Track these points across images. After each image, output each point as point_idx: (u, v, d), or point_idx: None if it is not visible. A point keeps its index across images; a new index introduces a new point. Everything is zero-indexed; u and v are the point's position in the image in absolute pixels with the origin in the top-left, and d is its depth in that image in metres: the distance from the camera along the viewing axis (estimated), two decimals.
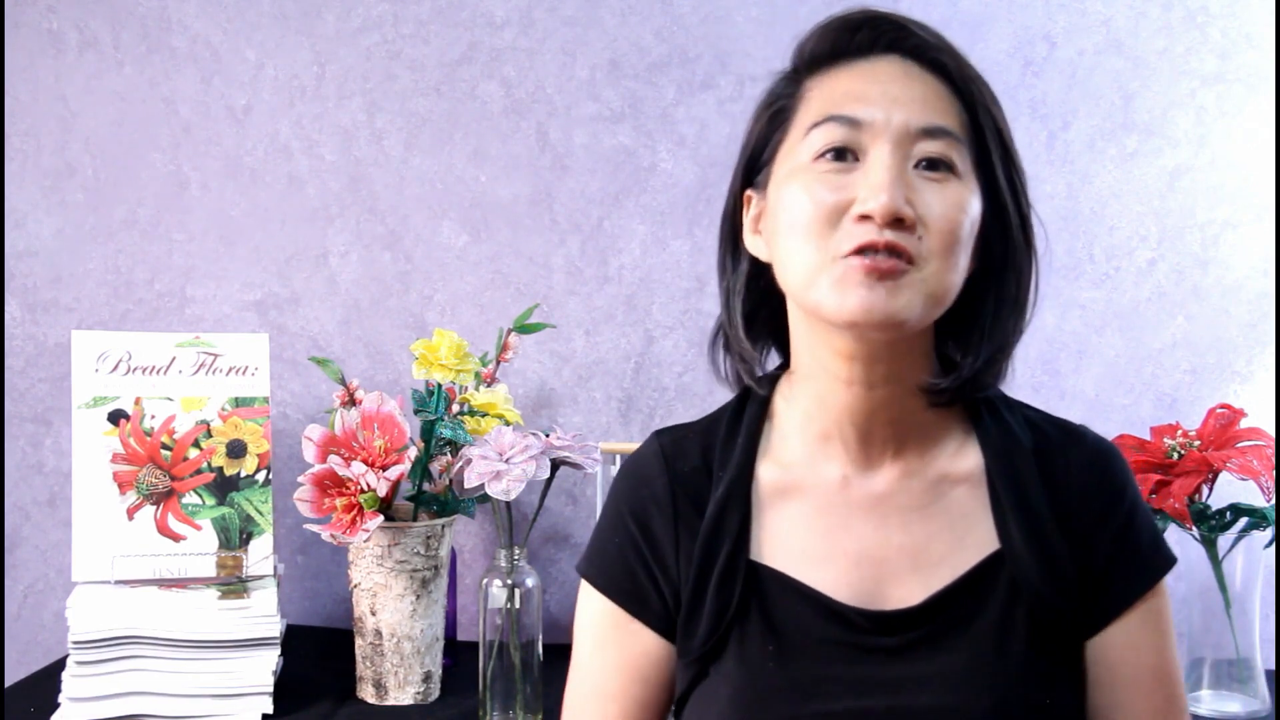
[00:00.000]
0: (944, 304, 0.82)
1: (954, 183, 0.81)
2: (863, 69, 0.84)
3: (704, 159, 1.60)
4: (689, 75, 1.61)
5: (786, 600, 0.86)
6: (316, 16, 1.66)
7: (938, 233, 0.79)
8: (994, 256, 0.86)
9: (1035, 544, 0.84)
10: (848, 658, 0.84)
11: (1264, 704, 1.34)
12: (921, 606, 0.84)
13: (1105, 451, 0.89)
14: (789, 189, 0.83)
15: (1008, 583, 0.84)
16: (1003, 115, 0.86)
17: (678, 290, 1.62)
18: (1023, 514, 0.85)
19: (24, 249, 1.70)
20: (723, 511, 0.88)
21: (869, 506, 0.87)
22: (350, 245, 1.67)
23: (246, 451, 1.43)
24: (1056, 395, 1.56)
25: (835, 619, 0.85)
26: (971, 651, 0.83)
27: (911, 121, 0.81)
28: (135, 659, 1.30)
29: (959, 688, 0.82)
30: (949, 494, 0.88)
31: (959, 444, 0.89)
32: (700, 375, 1.62)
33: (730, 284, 0.92)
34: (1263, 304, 1.54)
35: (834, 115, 0.82)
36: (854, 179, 0.80)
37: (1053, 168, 1.56)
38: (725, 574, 0.87)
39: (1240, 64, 1.53)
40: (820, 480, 0.89)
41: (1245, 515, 1.32)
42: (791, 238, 0.82)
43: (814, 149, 0.82)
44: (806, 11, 1.55)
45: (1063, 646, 0.85)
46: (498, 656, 1.35)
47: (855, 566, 0.86)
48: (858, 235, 0.79)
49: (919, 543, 0.86)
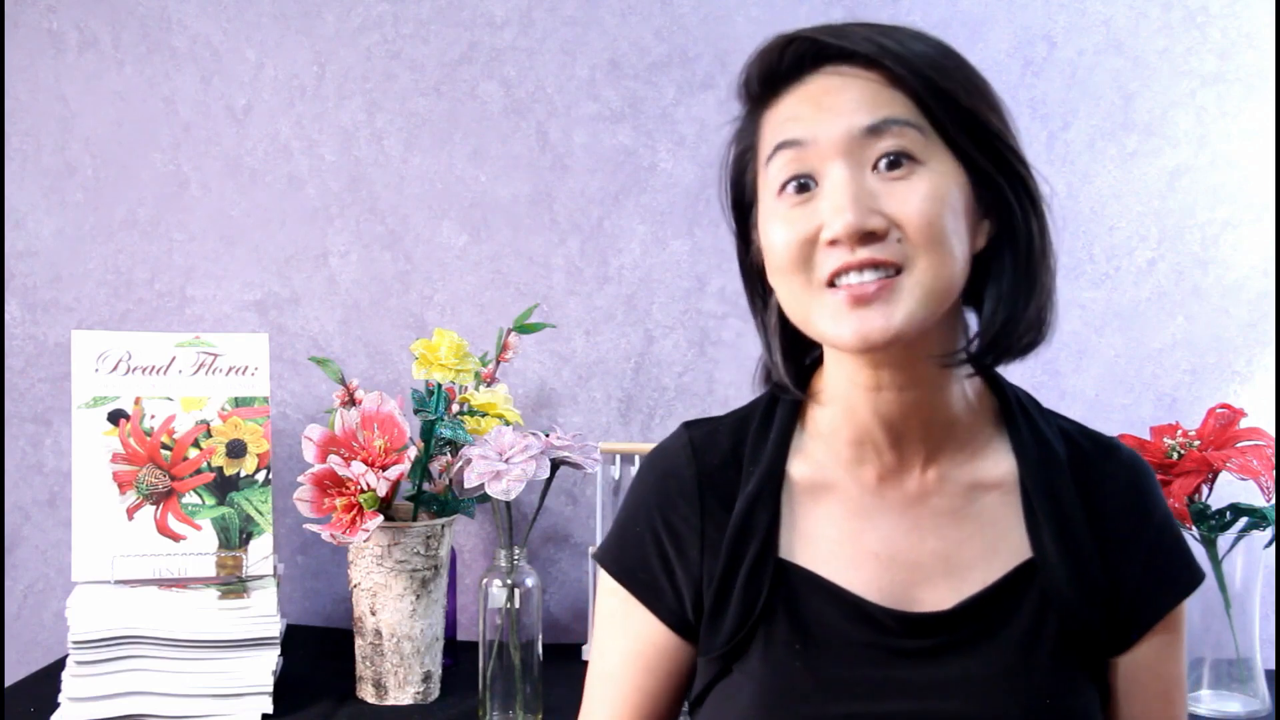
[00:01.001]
0: (949, 295, 0.80)
1: (920, 172, 0.79)
2: (800, 91, 0.83)
3: (704, 159, 1.60)
4: (689, 75, 1.61)
5: (815, 600, 0.86)
6: (316, 16, 1.66)
7: (916, 230, 0.78)
8: (1002, 222, 0.83)
9: (1068, 555, 0.84)
10: (875, 660, 0.84)
11: (1264, 704, 1.34)
12: (952, 611, 0.84)
13: (1139, 467, 0.89)
14: (769, 229, 0.83)
15: (1039, 592, 0.84)
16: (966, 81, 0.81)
17: (678, 290, 1.62)
18: (1056, 524, 0.85)
19: (24, 249, 1.70)
20: (753, 507, 0.88)
21: (901, 509, 0.87)
22: (350, 245, 1.67)
23: (246, 451, 1.43)
24: (1056, 395, 1.56)
25: (864, 620, 0.84)
26: (1000, 659, 0.83)
27: (853, 125, 0.79)
28: (135, 659, 1.30)
29: (986, 695, 0.82)
30: (982, 500, 0.87)
31: (992, 450, 0.88)
32: (700, 375, 1.62)
33: (764, 321, 0.91)
34: (1263, 304, 1.54)
35: (779, 143, 0.82)
36: (817, 205, 0.80)
37: (1053, 168, 1.56)
38: (753, 571, 0.86)
39: (1240, 64, 1.53)
40: (853, 481, 0.88)
41: (1245, 515, 1.32)
42: (778, 277, 0.82)
43: (775, 183, 0.82)
44: (806, 11, 1.55)
45: (1089, 658, 0.85)
46: (498, 656, 1.35)
47: (886, 569, 0.86)
48: (833, 260, 0.78)
49: (951, 548, 0.86)
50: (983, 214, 0.83)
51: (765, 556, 0.87)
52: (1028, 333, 0.84)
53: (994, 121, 0.82)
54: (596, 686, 0.92)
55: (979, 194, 0.82)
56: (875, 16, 1.50)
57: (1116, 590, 0.85)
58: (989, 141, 0.81)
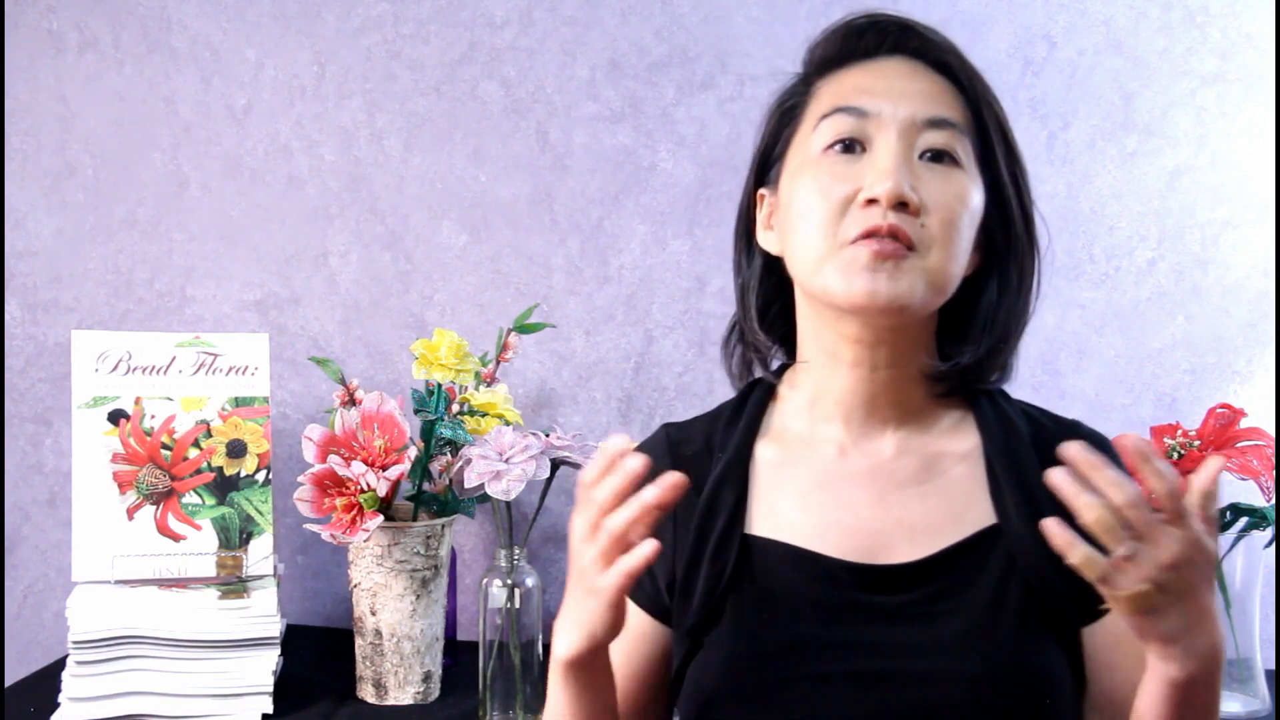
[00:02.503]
0: (945, 292, 0.85)
1: (957, 173, 0.85)
2: (870, 68, 0.89)
3: (704, 159, 1.60)
4: (689, 75, 1.61)
5: (782, 568, 0.88)
6: (316, 16, 1.66)
7: (939, 220, 0.83)
8: (997, 250, 0.89)
9: (1031, 520, 0.84)
10: (842, 620, 0.85)
11: (1264, 704, 1.34)
12: (915, 564, 0.86)
13: (1101, 442, 0.90)
14: (800, 181, 0.87)
15: (1003, 555, 0.86)
16: (1005, 114, 0.89)
17: (678, 290, 1.62)
18: (1020, 491, 0.87)
19: (24, 249, 1.70)
20: (719, 487, 0.90)
21: (866, 479, 0.89)
22: (350, 245, 1.67)
23: (246, 451, 1.43)
24: (1056, 395, 1.56)
25: (830, 580, 0.86)
26: (966, 619, 0.84)
27: (917, 114, 0.84)
28: (135, 659, 1.30)
29: (953, 654, 0.83)
30: (947, 471, 0.90)
31: (957, 425, 0.92)
32: (700, 375, 1.62)
33: (745, 280, 0.96)
34: (1263, 304, 1.54)
35: (842, 107, 0.86)
36: (861, 168, 0.84)
37: (1053, 168, 1.56)
38: (719, 546, 0.88)
39: (1240, 64, 1.53)
40: (817, 453, 0.91)
41: (1245, 515, 1.32)
42: (803, 227, 0.85)
43: (823, 141, 0.86)
44: (806, 11, 1.55)
45: (1056, 623, 0.86)
46: (498, 656, 1.35)
47: (850, 535, 0.88)
48: (864, 220, 0.82)
49: (915, 516, 0.88)
50: (978, 244, 0.88)
51: (731, 532, 0.89)
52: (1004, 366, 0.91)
53: (1020, 157, 0.89)
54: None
55: (988, 218, 0.88)
56: None
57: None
58: (1014, 174, 0.88)
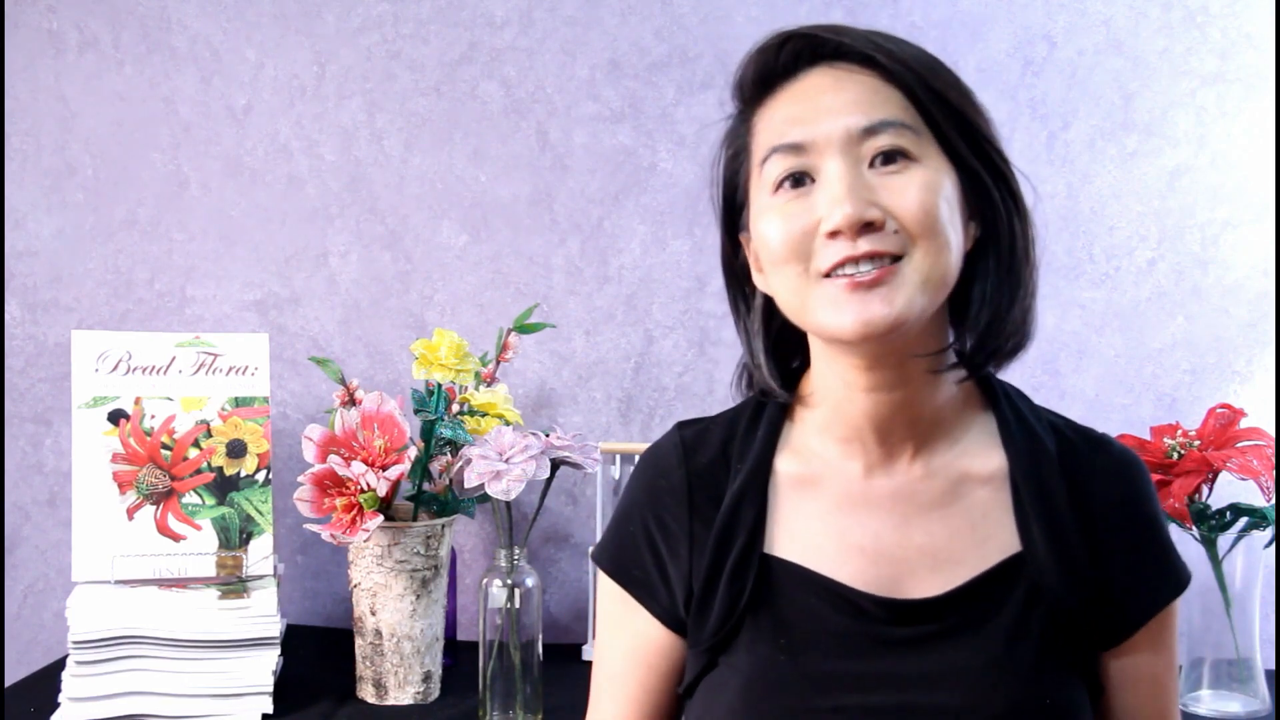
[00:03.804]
0: (945, 285, 0.81)
1: (915, 167, 0.80)
2: (795, 90, 0.84)
3: (704, 159, 1.58)
4: (689, 75, 1.61)
5: (800, 593, 0.86)
6: (316, 16, 1.66)
7: (912, 220, 0.79)
8: (988, 225, 0.84)
9: (1057, 548, 0.84)
10: (860, 652, 0.83)
11: (1264, 704, 1.34)
12: (939, 599, 0.84)
13: (1131, 462, 0.89)
14: (762, 225, 0.84)
15: (1027, 585, 0.84)
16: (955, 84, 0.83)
17: (678, 290, 1.62)
18: (1045, 518, 0.85)
19: (24, 249, 1.70)
20: (739, 504, 0.88)
21: (889, 504, 0.87)
22: (350, 245, 1.67)
23: (246, 451, 1.43)
24: (1056, 395, 1.56)
25: (850, 609, 0.84)
26: (986, 651, 0.82)
27: (852, 125, 0.80)
28: (135, 659, 1.30)
29: (971, 687, 0.81)
30: (971, 494, 0.87)
31: (981, 444, 0.88)
32: (700, 375, 1.62)
33: (748, 326, 0.92)
34: (1263, 304, 1.54)
35: (777, 146, 0.82)
36: (815, 199, 0.81)
37: (1053, 168, 1.56)
38: (738, 566, 0.87)
39: (1240, 64, 1.53)
40: (839, 475, 0.88)
41: (1245, 515, 1.32)
42: (776, 270, 0.83)
43: (770, 182, 0.83)
44: (806, 11, 1.55)
45: (1077, 653, 0.85)
46: (498, 656, 1.35)
47: (873, 563, 0.86)
48: (834, 252, 0.79)
49: (939, 542, 0.86)
50: (969, 215, 0.84)
51: (750, 552, 0.87)
52: (1013, 335, 0.85)
53: (981, 124, 0.84)
54: (602, 686, 0.93)
55: (967, 195, 0.83)
56: (875, 17, 1.52)
57: (1105, 585, 0.85)
58: (978, 142, 0.83)
